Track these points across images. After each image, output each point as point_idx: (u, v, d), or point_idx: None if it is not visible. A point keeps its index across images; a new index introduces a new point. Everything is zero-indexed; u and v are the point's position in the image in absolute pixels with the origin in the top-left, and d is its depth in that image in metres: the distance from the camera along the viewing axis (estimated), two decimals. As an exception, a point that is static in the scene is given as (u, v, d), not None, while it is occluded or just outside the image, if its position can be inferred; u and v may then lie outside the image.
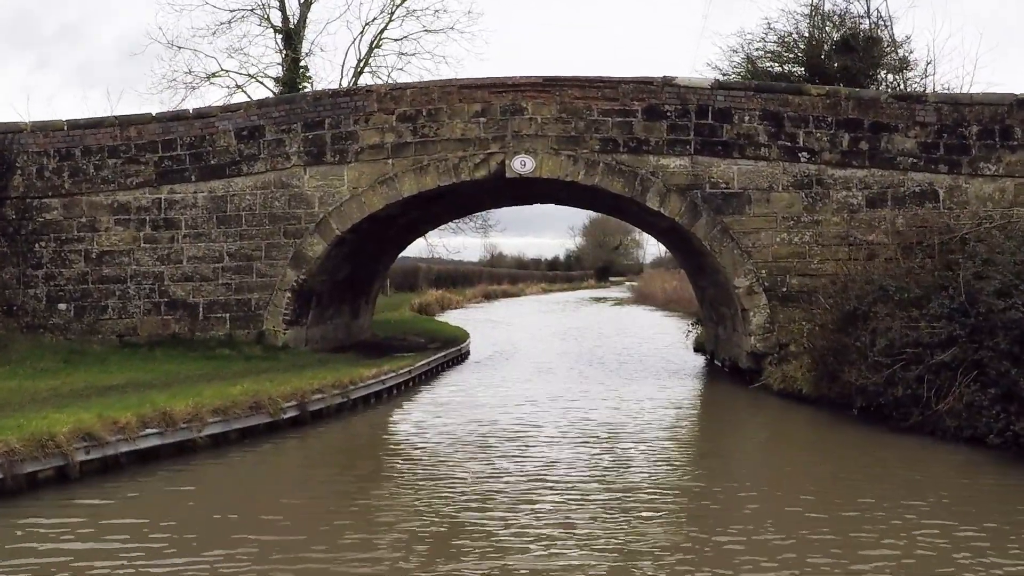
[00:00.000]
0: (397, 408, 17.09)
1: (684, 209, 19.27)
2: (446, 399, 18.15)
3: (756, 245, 19.31)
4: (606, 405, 17.44)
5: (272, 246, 21.02)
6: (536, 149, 19.62)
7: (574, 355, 27.41)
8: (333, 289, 22.61)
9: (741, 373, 20.40)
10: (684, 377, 22.36)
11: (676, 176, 19.43)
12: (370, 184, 20.36)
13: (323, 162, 20.74)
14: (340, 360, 20.03)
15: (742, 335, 19.82)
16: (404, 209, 21.46)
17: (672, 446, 13.99)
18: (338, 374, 16.37)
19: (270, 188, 21.12)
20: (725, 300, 20.90)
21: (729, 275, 19.15)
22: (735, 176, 19.45)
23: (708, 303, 23.74)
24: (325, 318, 22.88)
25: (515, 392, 19.20)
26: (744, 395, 18.85)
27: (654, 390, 19.66)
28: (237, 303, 21.10)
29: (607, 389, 19.63)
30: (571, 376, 22.07)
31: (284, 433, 13.89)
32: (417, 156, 20.14)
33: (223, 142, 21.40)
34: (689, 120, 19.51)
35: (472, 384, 20.52)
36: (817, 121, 19.52)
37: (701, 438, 14.95)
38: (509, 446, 13.25)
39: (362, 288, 25.24)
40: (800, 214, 19.39)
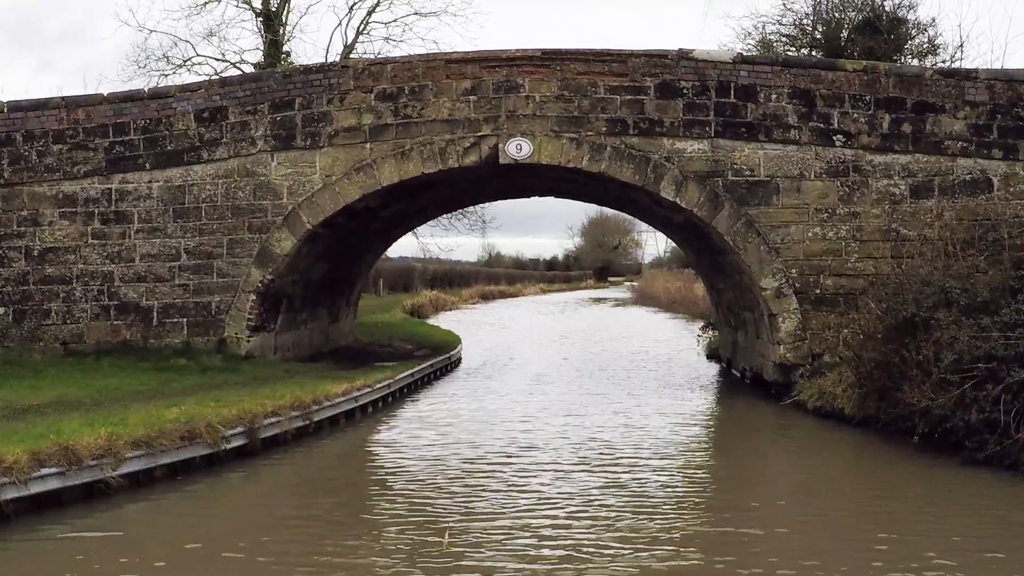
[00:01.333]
0: (370, 432, 14.65)
1: (703, 199, 16.84)
2: (428, 419, 15.72)
3: (785, 241, 16.89)
4: (611, 424, 15.09)
5: (235, 242, 18.58)
6: (534, 131, 17.18)
7: (575, 362, 24.99)
8: (307, 290, 20.18)
9: (765, 386, 17.99)
10: (699, 389, 19.93)
11: (694, 162, 17.00)
12: (345, 171, 17.92)
13: (292, 147, 18.31)
14: (311, 371, 17.60)
15: (768, 343, 17.40)
16: (386, 201, 19.03)
17: (692, 484, 11.57)
18: (301, 391, 13.94)
19: (233, 176, 18.69)
20: (747, 303, 18.48)
21: (755, 275, 16.73)
22: (761, 162, 17.02)
23: (725, 306, 21.33)
24: (298, 323, 20.45)
25: (510, 409, 16.77)
26: (772, 413, 16.43)
27: (666, 405, 17.26)
28: (196, 307, 18.66)
29: (612, 404, 17.23)
30: (572, 388, 19.66)
31: (227, 467, 11.46)
32: (399, 140, 17.70)
33: (181, 125, 18.98)
34: (708, 98, 17.07)
35: (461, 399, 18.08)
36: (853, 100, 17.11)
37: (727, 471, 12.48)
38: (499, 483, 10.85)
39: (341, 289, 22.81)
40: (835, 205, 16.97)
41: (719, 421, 16.65)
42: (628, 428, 14.82)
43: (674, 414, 16.47)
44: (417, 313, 46.76)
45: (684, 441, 14.32)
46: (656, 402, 17.67)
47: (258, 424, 12.00)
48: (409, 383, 18.42)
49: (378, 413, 15.95)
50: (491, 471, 11.56)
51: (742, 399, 18.24)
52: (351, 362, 20.34)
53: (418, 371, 19.03)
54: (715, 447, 14.34)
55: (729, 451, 14.00)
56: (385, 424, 15.24)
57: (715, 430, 15.84)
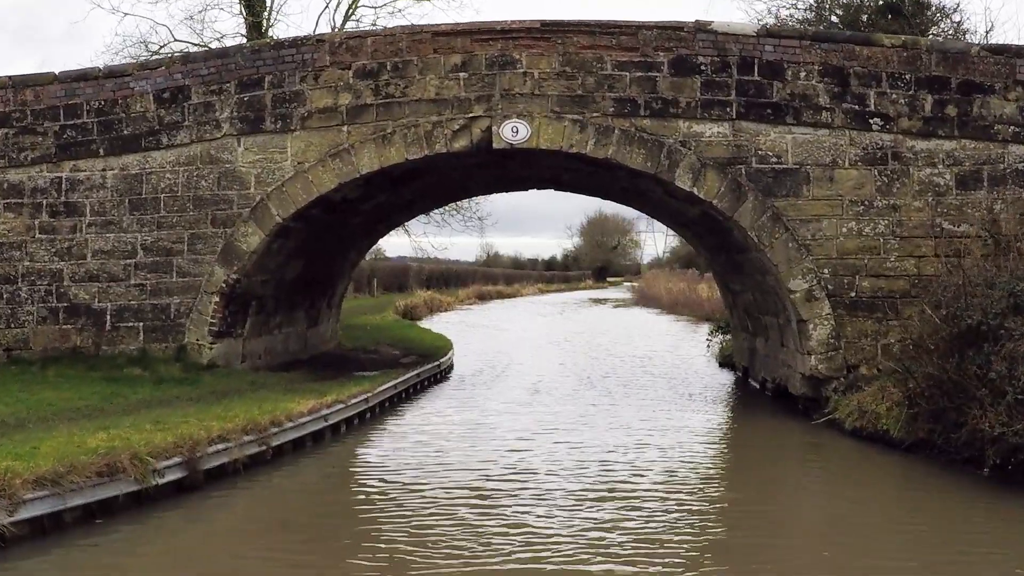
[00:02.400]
0: (339, 457, 12.65)
1: (724, 190, 14.87)
2: (410, 439, 13.73)
3: (817, 237, 14.93)
4: (616, 444, 13.23)
5: (197, 237, 16.61)
6: (532, 112, 15.20)
7: (576, 370, 23.02)
8: (280, 291, 18.21)
9: (790, 400, 16.04)
10: (713, 402, 17.97)
11: (713, 147, 15.03)
12: (320, 158, 15.94)
13: (261, 130, 16.34)
14: (280, 383, 15.61)
15: (795, 352, 15.44)
16: (367, 191, 17.06)
17: (709, 522, 9.60)
18: (259, 409, 11.97)
19: (195, 163, 16.73)
20: (770, 307, 16.51)
21: (782, 275, 14.76)
22: (788, 147, 15.06)
23: (742, 310, 19.36)
24: (270, 327, 18.48)
25: (503, 426, 14.81)
26: (801, 432, 14.47)
27: (678, 422, 15.35)
28: (153, 309, 16.69)
29: (617, 419, 15.33)
30: (572, 400, 17.70)
31: (161, 506, 9.48)
32: (379, 122, 15.72)
33: (139, 107, 17.02)
34: (729, 75, 15.11)
35: (450, 414, 16.09)
36: (892, 79, 15.16)
37: (751, 505, 10.42)
38: (486, 518, 8.91)
39: (321, 290, 20.84)
40: (872, 197, 15.02)
41: (739, 442, 14.65)
42: (635, 450, 12.92)
43: (687, 433, 14.54)
44: (410, 315, 44.77)
45: (699, 467, 12.39)
46: (666, 418, 15.74)
47: (200, 452, 10.02)
48: (392, 395, 16.43)
49: (353, 432, 13.96)
50: (478, 504, 9.67)
51: (764, 415, 16.25)
52: (330, 370, 18.38)
53: (402, 382, 17.04)
54: (736, 475, 12.35)
55: (752, 480, 11.97)
56: (358, 447, 13.23)
57: (735, 453, 13.84)
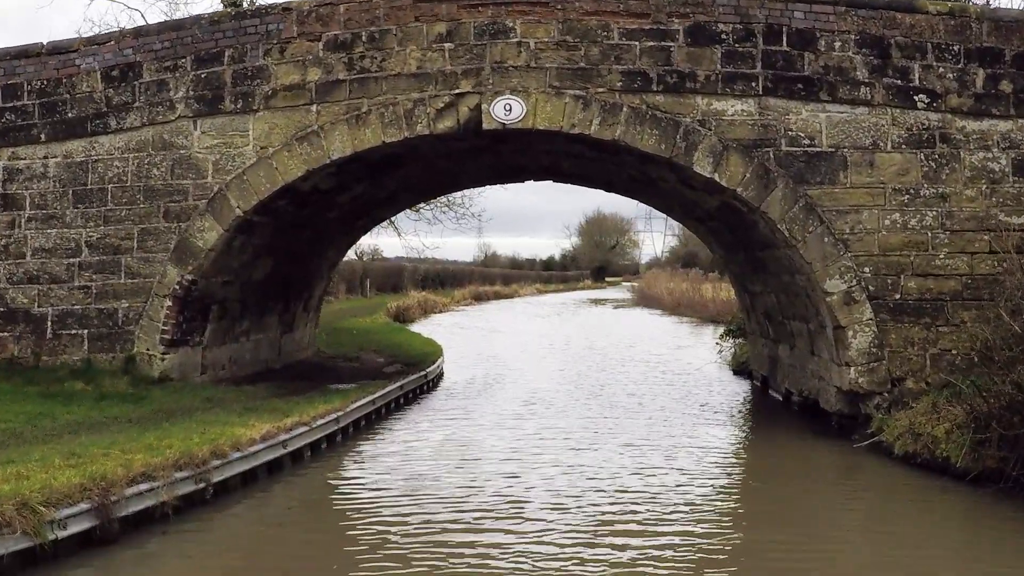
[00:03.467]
0: (297, 492, 10.60)
1: (749, 176, 12.92)
2: (383, 468, 11.71)
3: (856, 231, 12.98)
4: (620, 468, 11.47)
5: (148, 233, 14.67)
6: (528, 88, 13.24)
7: (576, 377, 21.08)
8: (246, 294, 16.25)
9: (822, 416, 14.11)
10: (731, 417, 16.02)
11: (736, 127, 13.09)
12: (285, 142, 14.00)
13: (220, 111, 14.40)
14: (241, 399, 13.64)
15: (829, 362, 13.49)
16: (341, 181, 15.11)
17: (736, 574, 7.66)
18: (201, 436, 9.99)
19: (147, 150, 14.80)
20: (798, 310, 14.56)
21: (816, 275, 12.81)
22: (823, 128, 13.13)
23: (761, 313, 17.41)
24: (236, 334, 16.51)
25: (494, 447, 12.85)
26: (839, 457, 12.52)
27: (691, 441, 13.43)
28: (99, 315, 14.75)
29: (621, 437, 13.47)
30: (573, 414, 15.77)
31: (64, 565, 7.52)
32: (353, 100, 13.76)
33: (86, 86, 15.11)
34: (754, 45, 13.17)
35: (434, 433, 14.10)
36: (938, 51, 13.25)
37: (786, 553, 8.49)
38: (468, 568, 6.99)
39: (296, 292, 18.87)
40: (918, 184, 13.09)
41: (767, 467, 12.62)
42: (644, 475, 11.10)
43: (703, 454, 12.62)
44: (402, 316, 42.81)
45: (721, 498, 10.46)
46: (678, 434, 13.83)
47: (116, 495, 8.05)
48: (369, 412, 14.46)
49: (320, 459, 11.96)
50: (463, 549, 7.72)
51: (792, 434, 14.27)
52: (304, 382, 16.42)
53: (381, 396, 15.04)
54: (766, 509, 10.35)
55: (788, 517, 9.96)
56: (322, 479, 11.22)
57: (763, 482, 11.82)
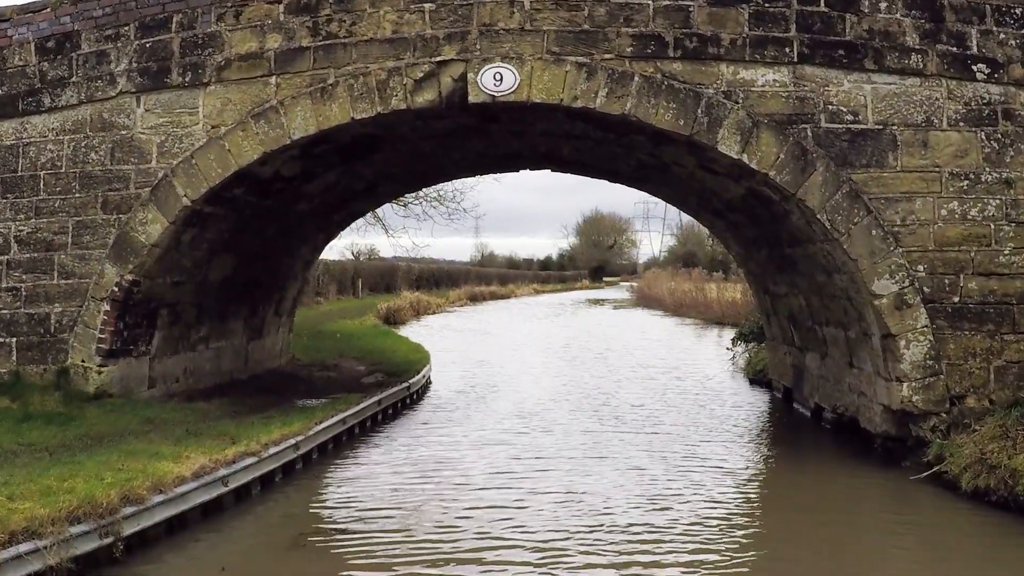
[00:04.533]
0: (237, 544, 8.61)
1: (784, 157, 10.96)
2: (347, 504, 9.76)
3: (908, 222, 11.04)
4: (630, 497, 9.58)
5: (84, 226, 12.73)
6: (522, 54, 11.27)
7: (576, 386, 19.13)
8: (203, 296, 14.30)
9: (862, 437, 12.20)
10: (753, 435, 14.10)
11: (768, 99, 11.14)
12: (239, 119, 12.05)
13: (166, 85, 12.45)
14: (186, 420, 11.66)
15: (874, 376, 11.55)
16: (308, 166, 13.16)
17: None
18: (114, 475, 8.04)
19: (84, 131, 12.85)
20: (835, 315, 12.62)
21: (863, 273, 10.87)
22: (868, 101, 11.19)
23: (785, 317, 15.47)
24: (192, 342, 14.55)
25: (483, 475, 10.90)
26: (892, 490, 10.56)
27: (709, 462, 11.66)
28: (29, 321, 12.80)
29: (631, 461, 11.60)
30: (573, 430, 13.85)
31: None
32: (318, 70, 11.80)
33: (18, 60, 13.19)
34: (787, 5, 11.21)
35: (411, 461, 12.14)
36: (998, 14, 11.33)
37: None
38: None
39: (265, 294, 16.92)
40: (979, 168, 11.15)
41: (802, 501, 10.52)
42: (655, 507, 9.43)
43: (723, 480, 10.78)
44: (393, 318, 40.87)
45: (750, 541, 8.51)
46: (693, 457, 12.00)
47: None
48: (340, 433, 12.50)
49: (270, 494, 9.99)
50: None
51: (828, 459, 12.32)
52: (269, 396, 14.49)
53: (354, 414, 13.06)
54: (806, 559, 8.39)
55: (835, 572, 8.07)
56: (268, 522, 9.20)
57: (798, 521, 9.73)
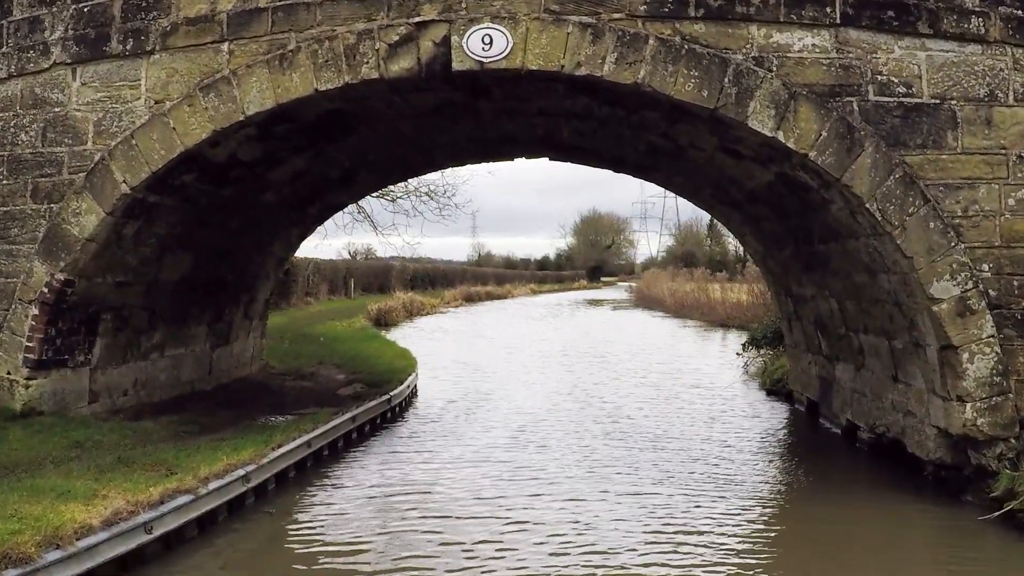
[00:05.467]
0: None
1: (827, 135, 9.28)
2: (301, 549, 8.07)
3: (970, 213, 9.37)
4: (640, 534, 8.14)
5: (12, 218, 11.05)
6: (515, 13, 9.56)
7: (576, 398, 17.45)
8: (155, 298, 12.61)
9: (906, 461, 10.56)
10: (778, 457, 12.45)
11: (807, 68, 9.46)
12: (186, 93, 10.36)
13: (105, 55, 10.77)
14: (122, 444, 9.96)
15: (928, 393, 9.88)
16: (271, 150, 11.48)
17: None
18: (5, 524, 6.38)
19: (14, 108, 11.17)
20: (875, 321, 10.95)
21: (919, 273, 9.19)
22: (922, 71, 9.52)
23: (812, 322, 13.81)
24: (144, 350, 12.85)
25: (467, 513, 9.24)
26: (948, 530, 8.91)
27: (728, 490, 10.01)
28: (-53, 326, 11.11)
29: (639, 487, 10.04)
30: (573, 449, 12.20)
31: None
32: (277, 34, 10.11)
33: (-58, 28, 11.47)
34: (827, -42, 9.56)
35: (386, 492, 10.45)
36: (1071, -30, 9.68)
37: None
38: None
39: (232, 295, 15.22)
40: (1053, 151, 9.51)
41: (840, 543, 8.80)
42: (670, 548, 7.82)
43: (747, 520, 9.11)
44: (384, 320, 39.20)
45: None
46: (710, 483, 10.42)
47: None
48: (304, 458, 10.80)
49: (210, 537, 8.29)
50: None
51: (865, 487, 10.60)
52: (231, 411, 12.83)
53: (321, 435, 11.32)
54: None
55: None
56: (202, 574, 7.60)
57: (840, 573, 8.16)
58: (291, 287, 38.56)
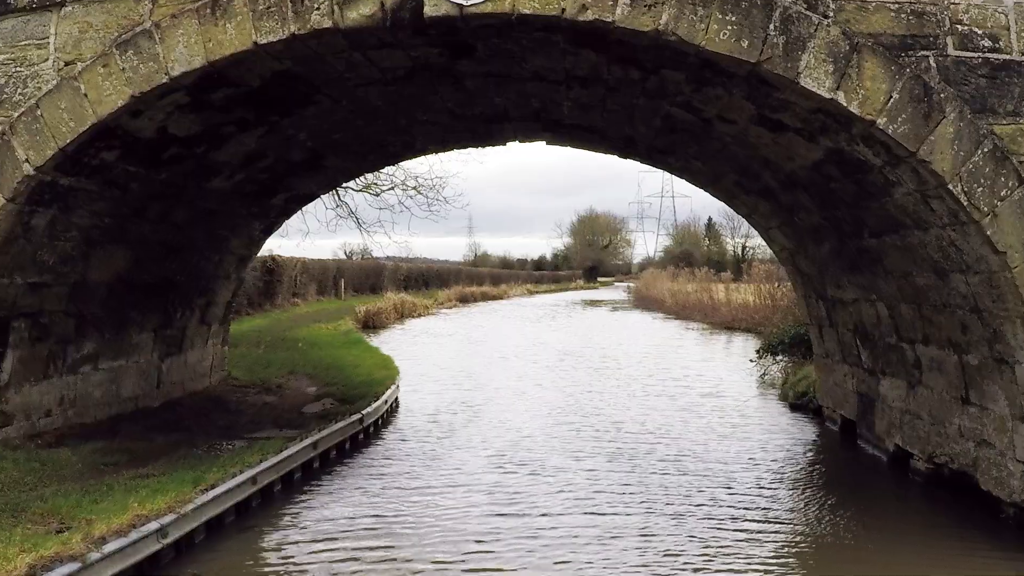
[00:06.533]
0: None
1: (899, 97, 7.39)
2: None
3: (1074, 195, 7.52)
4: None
5: None
6: (503, -54, 7.71)
7: (575, 414, 15.55)
8: (83, 301, 10.70)
9: (982, 501, 8.71)
10: (817, 487, 10.58)
11: (871, 14, 7.57)
12: (101, 51, 8.46)
13: (9, 8, 8.89)
14: (17, 484, 8.08)
15: (1012, 419, 8.01)
16: (211, 123, 9.58)
17: None
18: None
19: (-99, 74, 9.25)
20: (942, 330, 9.07)
21: (1014, 272, 7.32)
22: (1010, 21, 7.64)
23: (852, 329, 11.93)
24: (71, 363, 10.92)
25: (440, 560, 7.39)
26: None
27: (761, 533, 8.21)
28: None
29: (650, 528, 8.30)
30: (575, 484, 10.33)
31: None
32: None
33: None
34: None
35: (341, 543, 8.53)
36: None
37: None
38: None
39: (184, 298, 13.32)
40: None
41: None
42: None
43: (787, 561, 7.24)
44: (372, 322, 37.29)
45: None
46: (735, 532, 8.43)
47: None
48: (248, 497, 8.88)
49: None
50: None
51: (925, 529, 8.74)
52: (173, 435, 10.92)
53: (271, 468, 9.36)
54: None
55: None
56: None
57: None
58: (275, 287, 36.66)
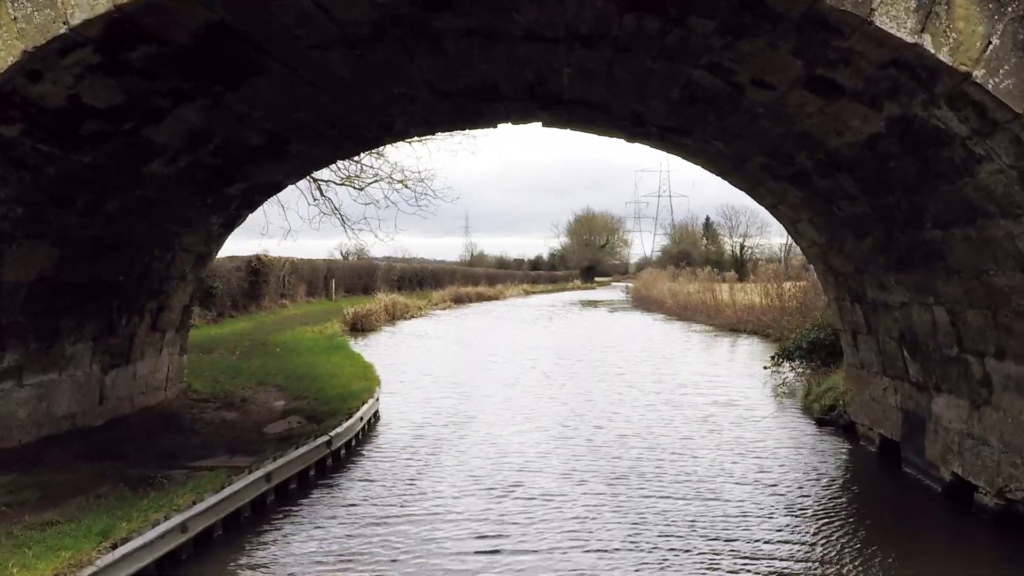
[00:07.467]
0: None
1: (999, 44, 5.75)
2: None
3: None
4: None
5: None
6: None
7: (576, 428, 13.94)
8: (3, 307, 9.05)
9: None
10: (863, 524, 8.95)
11: (961, -62, 5.97)
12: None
13: None
14: None
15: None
16: (136, 91, 7.93)
17: None
18: None
19: None
20: (1022, 340, 7.44)
21: None
22: None
23: (897, 337, 10.29)
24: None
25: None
26: None
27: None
28: None
29: None
30: (573, 517, 8.73)
31: None
32: (120, -98, 6.59)
33: None
34: None
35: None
36: None
37: None
38: None
39: (129, 301, 11.64)
40: None
41: None
42: None
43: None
44: (361, 324, 35.64)
45: None
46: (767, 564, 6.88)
47: None
48: (176, 548, 7.24)
49: None
50: None
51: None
52: (105, 462, 9.33)
53: (209, 510, 7.70)
54: None
55: None
56: None
57: None
58: (261, 288, 35.02)
